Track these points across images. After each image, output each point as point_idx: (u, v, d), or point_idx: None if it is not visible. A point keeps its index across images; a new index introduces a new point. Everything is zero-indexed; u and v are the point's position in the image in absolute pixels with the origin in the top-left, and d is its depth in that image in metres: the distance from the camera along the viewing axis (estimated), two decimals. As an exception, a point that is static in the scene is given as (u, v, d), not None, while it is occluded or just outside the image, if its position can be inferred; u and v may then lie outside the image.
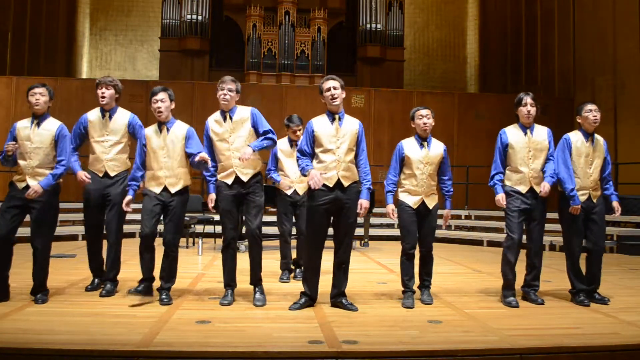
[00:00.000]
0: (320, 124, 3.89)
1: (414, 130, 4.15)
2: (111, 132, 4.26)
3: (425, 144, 4.09)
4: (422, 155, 4.07)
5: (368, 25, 16.06)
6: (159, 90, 4.00)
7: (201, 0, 15.66)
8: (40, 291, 3.87)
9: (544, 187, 4.09)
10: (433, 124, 4.11)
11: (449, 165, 4.21)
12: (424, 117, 4.06)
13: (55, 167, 3.91)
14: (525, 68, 14.04)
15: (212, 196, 4.03)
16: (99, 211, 4.23)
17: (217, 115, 4.06)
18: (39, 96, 3.88)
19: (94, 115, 4.29)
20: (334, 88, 3.86)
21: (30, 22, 13.49)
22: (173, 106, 4.07)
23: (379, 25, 16.08)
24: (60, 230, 8.59)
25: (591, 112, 4.24)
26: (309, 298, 3.87)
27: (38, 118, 3.92)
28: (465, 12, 17.78)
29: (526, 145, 4.17)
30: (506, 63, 14.99)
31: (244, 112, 4.03)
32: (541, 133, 4.24)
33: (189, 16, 15.63)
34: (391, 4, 16.25)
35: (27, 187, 3.79)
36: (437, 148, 4.13)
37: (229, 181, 3.96)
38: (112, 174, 4.23)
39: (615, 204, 4.28)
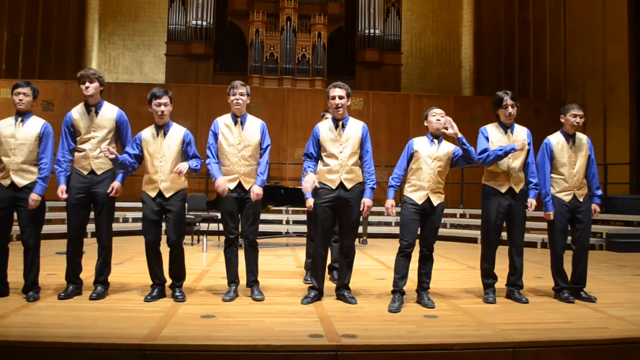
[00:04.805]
0: (325, 129, 4.02)
1: (426, 130, 4.08)
2: (98, 128, 3.97)
3: (436, 141, 4.01)
4: (432, 151, 3.98)
5: (367, 31, 16.33)
6: (161, 93, 3.92)
7: (206, 6, 15.95)
8: (31, 289, 3.86)
9: (531, 205, 4.10)
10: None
11: (463, 156, 4.00)
12: (437, 115, 3.98)
13: (41, 169, 3.88)
14: (518, 72, 14.20)
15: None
16: (82, 209, 3.97)
17: (227, 118, 4.10)
18: (23, 96, 3.86)
19: (77, 112, 4.00)
20: (340, 97, 3.93)
21: (41, 27, 13.69)
22: (171, 108, 4.02)
23: (377, 31, 16.35)
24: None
25: (575, 118, 4.20)
26: (318, 292, 4.01)
27: (22, 116, 3.90)
28: (460, 18, 17.97)
29: (506, 145, 4.08)
30: (500, 67, 15.16)
31: (255, 124, 4.12)
32: (521, 133, 4.16)
33: (194, 22, 15.91)
34: (389, 10, 16.52)
35: (12, 184, 3.80)
36: (447, 147, 4.04)
37: (232, 186, 4.04)
38: (98, 172, 3.96)
39: (594, 206, 4.26)
